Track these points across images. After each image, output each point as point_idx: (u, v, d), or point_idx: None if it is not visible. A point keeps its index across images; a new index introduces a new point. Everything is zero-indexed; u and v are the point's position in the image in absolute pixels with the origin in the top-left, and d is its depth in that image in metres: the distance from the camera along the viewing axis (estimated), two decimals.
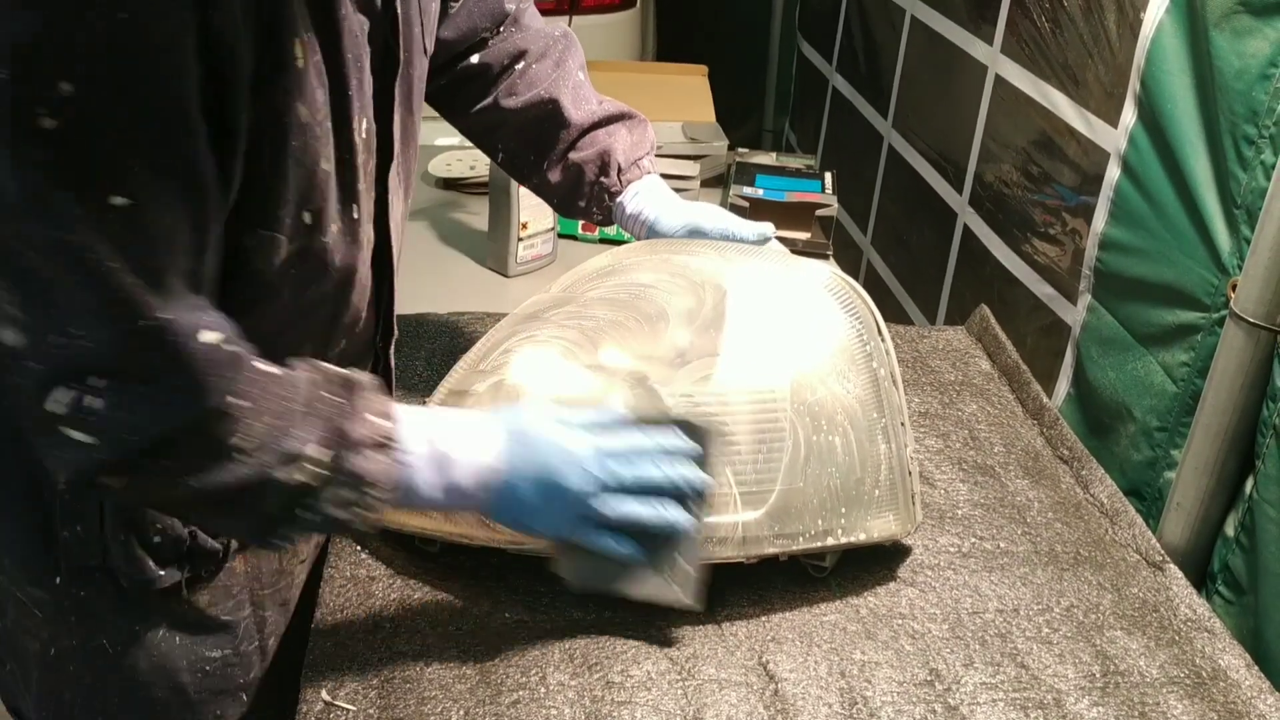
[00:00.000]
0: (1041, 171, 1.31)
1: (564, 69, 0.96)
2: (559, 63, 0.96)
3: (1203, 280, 0.93)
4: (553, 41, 0.97)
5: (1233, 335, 0.88)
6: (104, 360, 0.57)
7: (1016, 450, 1.03)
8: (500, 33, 0.96)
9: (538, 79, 0.95)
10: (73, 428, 0.58)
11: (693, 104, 1.84)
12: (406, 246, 0.85)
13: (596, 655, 0.75)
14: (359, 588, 0.80)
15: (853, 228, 2.11)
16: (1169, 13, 0.97)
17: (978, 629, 0.80)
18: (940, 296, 1.67)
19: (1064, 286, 1.23)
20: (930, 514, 0.92)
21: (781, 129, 2.79)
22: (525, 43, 0.96)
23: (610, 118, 0.95)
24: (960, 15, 1.58)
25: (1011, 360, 1.15)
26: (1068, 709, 0.74)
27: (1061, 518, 0.94)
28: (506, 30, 0.96)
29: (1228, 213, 0.91)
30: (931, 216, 1.69)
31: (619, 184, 0.95)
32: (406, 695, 0.71)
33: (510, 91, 0.95)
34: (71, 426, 0.58)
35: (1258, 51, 0.86)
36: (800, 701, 0.73)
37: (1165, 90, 0.98)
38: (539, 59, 0.95)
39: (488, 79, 0.96)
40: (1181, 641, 0.81)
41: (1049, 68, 1.29)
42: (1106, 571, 0.88)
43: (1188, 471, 0.93)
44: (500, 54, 0.95)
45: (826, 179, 1.47)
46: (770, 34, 2.81)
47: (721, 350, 0.80)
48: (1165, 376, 0.99)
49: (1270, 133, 0.85)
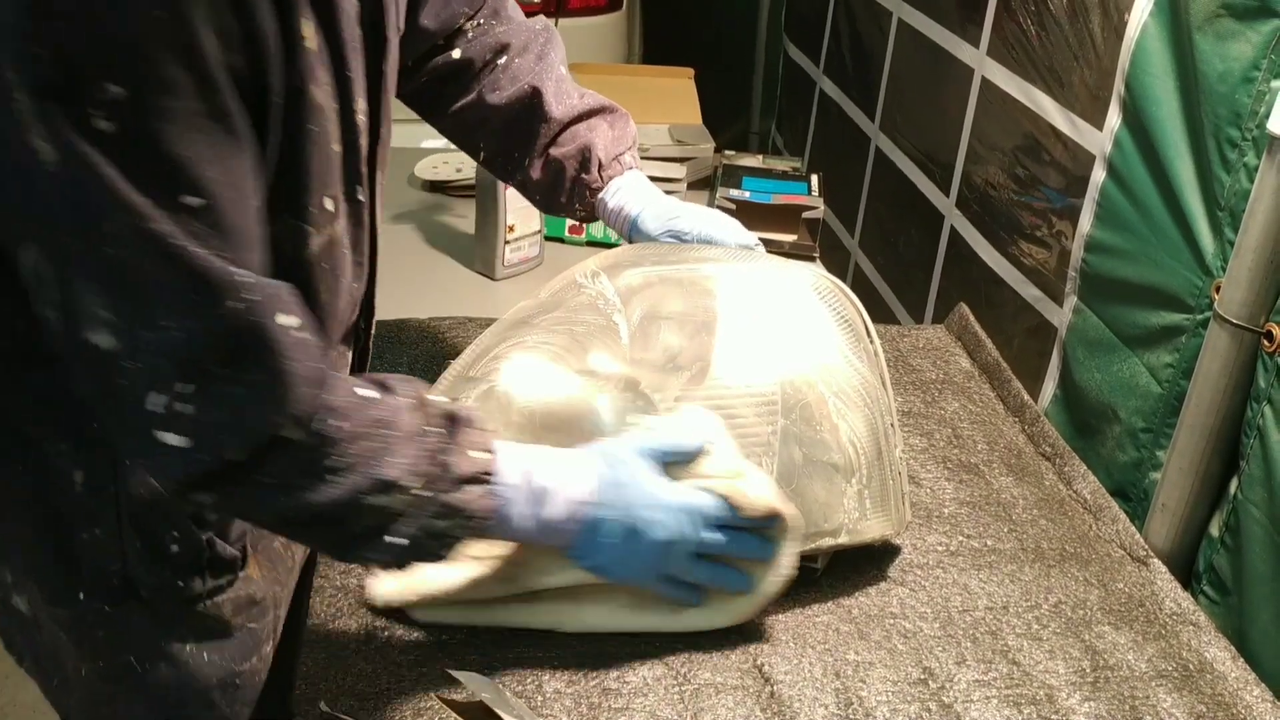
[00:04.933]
0: (1028, 174, 1.32)
1: (546, 61, 0.95)
2: (541, 56, 0.95)
3: (1187, 282, 0.94)
4: (534, 35, 0.95)
5: (1217, 337, 0.88)
6: (195, 350, 0.56)
7: (999, 448, 1.04)
8: (481, 23, 0.94)
9: (521, 72, 0.94)
10: (168, 429, 0.57)
11: (679, 106, 1.85)
12: (393, 250, 0.85)
13: (592, 662, 0.75)
14: (350, 596, 0.80)
15: (840, 230, 2.12)
16: (1153, 16, 0.98)
17: (968, 627, 0.81)
18: (927, 299, 1.67)
19: (1050, 288, 1.24)
20: (917, 513, 0.93)
21: (768, 131, 2.79)
22: (508, 36, 0.94)
23: (590, 112, 0.94)
24: (947, 18, 1.59)
25: (991, 358, 1.16)
26: (1060, 704, 0.74)
27: (1046, 514, 0.95)
28: (487, 22, 0.94)
29: (1211, 215, 0.92)
30: (918, 219, 1.69)
31: (600, 180, 0.94)
32: (403, 705, 0.71)
33: (494, 86, 0.94)
34: (167, 429, 0.57)
35: (1241, 54, 0.87)
36: (797, 703, 0.73)
37: (1149, 93, 0.99)
38: (521, 53, 0.94)
39: (470, 74, 0.94)
40: (1168, 635, 0.82)
41: (1035, 71, 1.30)
42: (1092, 567, 0.89)
43: (1173, 472, 0.94)
44: (482, 48, 0.94)
45: (813, 181, 1.48)
46: (757, 36, 2.81)
47: (712, 354, 0.80)
48: (1150, 378, 1.00)
49: (1253, 135, 0.86)
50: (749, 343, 0.82)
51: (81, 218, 0.54)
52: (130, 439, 0.61)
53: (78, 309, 0.56)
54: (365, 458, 0.61)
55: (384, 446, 0.62)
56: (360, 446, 0.61)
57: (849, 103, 2.09)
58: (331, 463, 0.60)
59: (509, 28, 0.95)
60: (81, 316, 0.56)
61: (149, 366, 0.57)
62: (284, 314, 0.59)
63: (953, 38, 1.56)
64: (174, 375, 0.57)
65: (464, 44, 0.94)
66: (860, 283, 1.98)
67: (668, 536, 0.71)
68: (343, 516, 0.62)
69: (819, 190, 1.46)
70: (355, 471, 0.61)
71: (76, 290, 0.56)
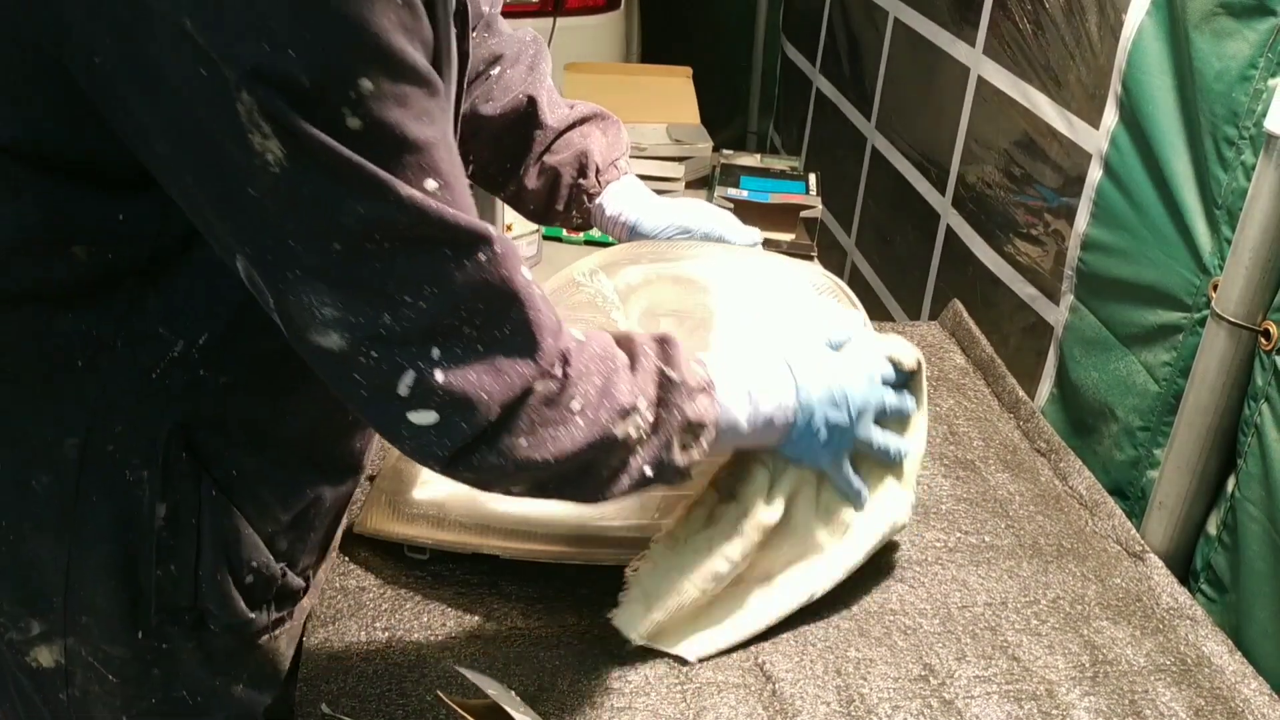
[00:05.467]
0: (1023, 172, 1.32)
1: (538, 72, 0.95)
2: (532, 66, 0.95)
3: (1184, 280, 0.95)
4: (524, 46, 0.96)
5: (1214, 335, 0.89)
6: (441, 317, 0.55)
7: (995, 444, 1.04)
8: (473, 37, 0.95)
9: (513, 83, 0.93)
10: (418, 408, 0.56)
11: (677, 106, 1.84)
12: None
13: (593, 661, 0.75)
14: (349, 598, 0.80)
15: (837, 229, 2.12)
16: (1150, 14, 0.99)
17: (968, 623, 0.81)
18: (923, 297, 1.68)
19: (1046, 287, 1.24)
20: (915, 510, 0.93)
21: (766, 131, 2.80)
22: (500, 47, 0.94)
23: (583, 119, 0.94)
24: (943, 17, 1.60)
25: (986, 354, 1.16)
26: (1060, 699, 0.75)
27: (1043, 510, 0.95)
28: (480, 35, 0.94)
29: (1209, 213, 0.92)
30: (914, 218, 1.70)
31: (597, 185, 0.94)
32: (404, 707, 0.71)
33: (487, 97, 0.93)
34: (417, 407, 0.56)
35: (1238, 53, 0.87)
36: (799, 701, 0.73)
37: (1146, 91, 0.99)
38: (513, 64, 0.94)
39: None
40: (1166, 630, 0.82)
41: (1031, 69, 1.30)
42: (1089, 562, 0.89)
43: (1170, 470, 0.94)
44: (475, 60, 0.93)
45: (811, 180, 1.48)
46: (754, 36, 2.82)
47: (711, 350, 0.81)
48: (1147, 376, 1.00)
49: (1250, 134, 0.86)
50: (748, 339, 0.82)
51: (313, 217, 0.51)
52: (385, 428, 0.59)
53: (299, 312, 0.54)
54: (602, 391, 0.63)
55: (613, 378, 0.64)
56: (592, 383, 0.62)
57: (845, 102, 2.10)
58: (575, 403, 0.61)
59: (500, 39, 0.95)
60: (305, 319, 0.54)
61: (392, 352, 0.55)
62: (524, 267, 0.59)
63: (948, 36, 1.57)
64: (420, 352, 0.55)
65: None
66: (857, 282, 1.98)
67: (863, 399, 0.77)
68: (592, 458, 0.63)
69: (817, 189, 1.46)
70: (600, 407, 0.62)
71: (299, 293, 0.53)
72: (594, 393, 0.62)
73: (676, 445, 0.67)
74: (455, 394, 0.56)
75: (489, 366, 0.57)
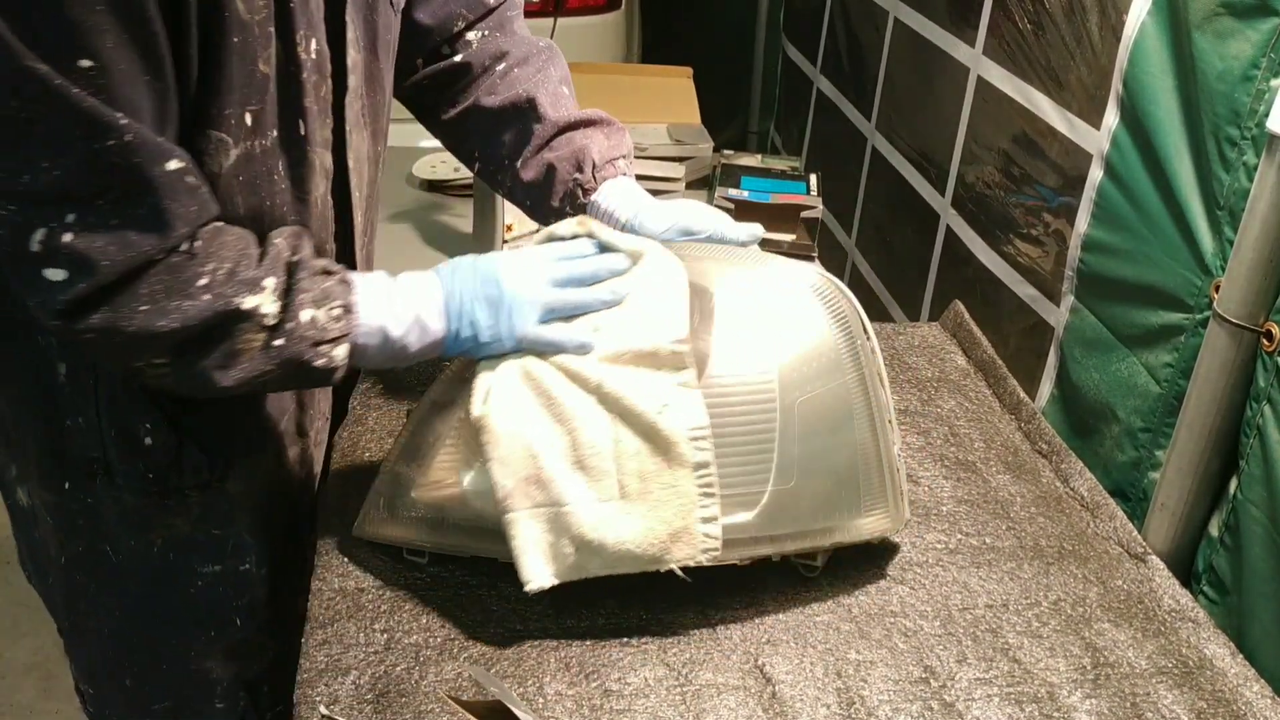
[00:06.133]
0: (1024, 173, 1.32)
1: (545, 74, 0.96)
2: (540, 69, 0.96)
3: (1186, 281, 0.94)
4: (536, 50, 0.97)
5: (1216, 336, 0.88)
6: (74, 186, 0.61)
7: (996, 445, 1.04)
8: (485, 34, 0.96)
9: (518, 80, 0.95)
10: (50, 265, 0.62)
11: (678, 106, 1.85)
12: (391, 249, 0.86)
13: (593, 663, 0.75)
14: (348, 600, 0.79)
15: (837, 229, 2.12)
16: (1151, 15, 0.99)
17: (968, 625, 0.81)
18: (923, 298, 1.68)
19: (1047, 288, 1.24)
20: (916, 511, 0.93)
21: (766, 131, 2.80)
22: (509, 46, 0.96)
23: (587, 121, 0.95)
24: (942, 17, 1.60)
25: (987, 355, 1.16)
26: (1061, 702, 0.74)
27: (1044, 512, 0.95)
28: (491, 33, 0.96)
29: (1210, 214, 0.92)
30: (914, 218, 1.70)
31: (593, 181, 0.93)
32: (403, 709, 0.71)
33: (490, 90, 0.95)
34: (49, 264, 0.62)
35: (1240, 53, 0.87)
36: (798, 703, 0.73)
37: (1148, 92, 0.99)
38: (521, 63, 0.96)
39: (468, 78, 0.96)
40: (1167, 632, 0.82)
41: (1031, 69, 1.30)
42: (1091, 564, 0.89)
43: (1172, 472, 0.94)
44: (483, 54, 0.96)
45: (811, 181, 1.48)
46: (755, 36, 2.82)
47: (710, 352, 0.80)
48: (1149, 377, 1.00)
49: (1252, 134, 0.86)
50: (747, 341, 0.81)
51: None
52: (21, 282, 0.65)
53: None
54: (230, 272, 0.67)
55: (242, 261, 0.68)
56: (223, 264, 0.67)
57: (846, 102, 2.10)
58: (202, 280, 0.66)
59: (512, 39, 0.97)
60: None
61: (27, 206, 0.61)
62: (176, 161, 0.64)
63: (948, 36, 1.57)
64: (55, 212, 0.61)
65: (465, 50, 0.96)
66: (857, 282, 1.98)
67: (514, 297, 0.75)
68: (215, 328, 0.67)
69: (817, 190, 1.46)
70: (228, 283, 0.67)
71: None
72: (222, 273, 0.67)
73: (309, 328, 0.70)
74: (78, 254, 0.63)
75: (115, 237, 0.63)
